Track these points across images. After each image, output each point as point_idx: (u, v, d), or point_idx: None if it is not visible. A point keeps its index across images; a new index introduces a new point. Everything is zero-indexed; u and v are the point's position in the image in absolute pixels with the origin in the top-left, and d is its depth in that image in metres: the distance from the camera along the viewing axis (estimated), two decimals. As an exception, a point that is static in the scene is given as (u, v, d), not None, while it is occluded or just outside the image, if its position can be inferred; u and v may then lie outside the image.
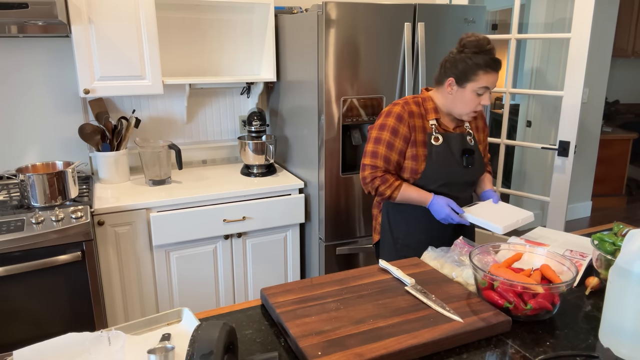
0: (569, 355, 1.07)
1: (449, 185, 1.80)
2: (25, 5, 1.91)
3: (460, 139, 1.81)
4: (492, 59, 1.69)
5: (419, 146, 1.76)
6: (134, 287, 2.25)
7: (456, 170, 1.79)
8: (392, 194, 1.76)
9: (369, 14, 2.24)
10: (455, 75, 1.70)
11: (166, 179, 2.45)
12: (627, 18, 4.89)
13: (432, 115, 1.78)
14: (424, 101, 1.80)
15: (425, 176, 1.77)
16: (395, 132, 1.75)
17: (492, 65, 1.68)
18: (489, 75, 1.68)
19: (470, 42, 1.69)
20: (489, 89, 1.70)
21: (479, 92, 1.69)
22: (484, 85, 1.68)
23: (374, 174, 1.77)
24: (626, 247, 1.05)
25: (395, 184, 1.75)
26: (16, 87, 2.41)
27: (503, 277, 1.22)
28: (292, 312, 1.19)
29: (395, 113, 1.76)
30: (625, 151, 4.91)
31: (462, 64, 1.68)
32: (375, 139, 1.78)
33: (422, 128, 1.77)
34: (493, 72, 1.69)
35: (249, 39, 2.82)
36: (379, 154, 1.76)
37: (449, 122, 1.83)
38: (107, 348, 0.96)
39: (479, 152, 1.86)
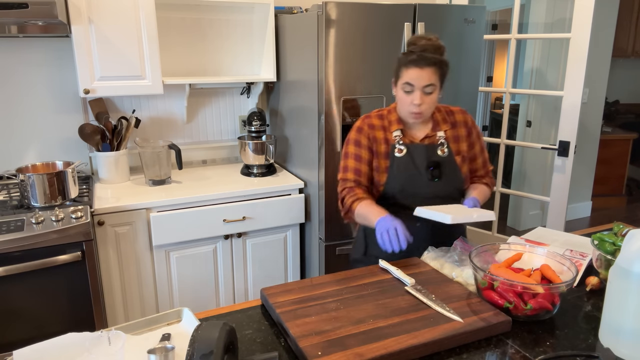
0: (569, 355, 1.07)
1: (414, 198, 1.67)
2: (25, 5, 1.91)
3: (427, 150, 1.70)
4: (416, 54, 1.59)
5: (380, 158, 1.70)
6: (134, 287, 2.25)
7: (420, 183, 1.68)
8: (352, 205, 1.64)
9: (369, 14, 2.24)
10: (394, 74, 1.67)
11: (166, 179, 2.45)
12: (627, 18, 4.88)
13: (395, 126, 1.70)
14: (389, 113, 1.74)
15: (387, 188, 1.69)
16: (357, 143, 1.71)
17: (414, 61, 1.58)
18: (410, 71, 1.58)
19: (410, 40, 1.65)
20: (413, 86, 1.59)
21: (405, 90, 1.61)
22: (405, 81, 1.59)
23: (343, 185, 1.71)
24: (626, 247, 1.05)
25: (359, 195, 1.65)
26: (16, 87, 2.41)
27: (503, 277, 1.22)
28: (292, 312, 1.19)
29: (356, 127, 1.74)
30: (625, 151, 4.91)
31: (397, 62, 1.65)
32: (343, 154, 1.74)
33: (383, 140, 1.71)
34: (415, 67, 1.58)
35: (249, 39, 2.82)
36: (349, 167, 1.71)
37: (417, 132, 1.73)
38: (107, 348, 0.96)
39: (452, 164, 1.71)
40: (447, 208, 1.55)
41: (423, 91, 1.59)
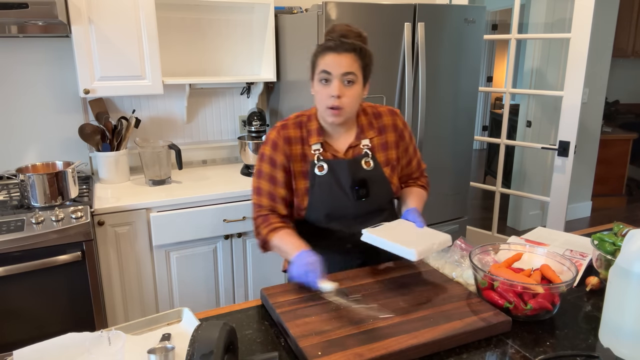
0: (569, 355, 1.07)
1: (340, 220, 1.50)
2: (25, 5, 1.91)
3: (351, 166, 1.49)
4: (335, 39, 1.39)
5: (298, 178, 1.49)
6: (134, 287, 2.25)
7: (346, 205, 1.48)
8: (267, 235, 1.45)
9: (369, 14, 2.24)
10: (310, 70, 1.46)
11: (166, 179, 2.45)
12: (627, 18, 4.88)
13: (314, 139, 1.48)
14: (308, 121, 1.50)
15: (310, 212, 1.50)
16: (272, 162, 1.48)
17: (330, 45, 1.38)
18: (325, 57, 1.38)
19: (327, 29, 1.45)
20: (330, 74, 1.38)
21: (322, 79, 1.39)
22: (321, 69, 1.39)
23: (258, 213, 1.50)
24: (626, 247, 1.05)
25: (275, 225, 1.45)
26: (16, 87, 2.41)
27: (503, 277, 1.22)
28: (292, 312, 1.19)
29: (271, 140, 1.49)
30: (625, 151, 4.91)
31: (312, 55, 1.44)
32: (257, 172, 1.51)
33: (302, 156, 1.48)
34: (332, 53, 1.37)
35: (249, 39, 2.82)
36: (262, 191, 1.49)
37: (339, 143, 1.51)
38: (107, 348, 0.96)
39: (380, 178, 1.52)
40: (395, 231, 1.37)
41: (342, 80, 1.38)
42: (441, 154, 2.66)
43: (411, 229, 1.42)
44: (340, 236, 1.51)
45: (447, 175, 2.71)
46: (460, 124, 2.69)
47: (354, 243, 1.48)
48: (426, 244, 1.30)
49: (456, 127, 2.67)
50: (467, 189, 2.83)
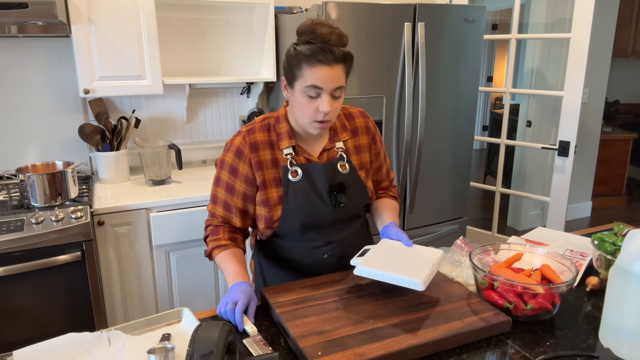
0: (569, 355, 1.07)
1: (317, 229, 1.41)
2: (25, 5, 1.91)
3: (327, 170, 1.39)
4: (325, 48, 1.22)
5: (270, 187, 1.36)
6: (134, 287, 2.25)
7: (323, 212, 1.38)
8: (212, 251, 1.38)
9: (369, 14, 2.24)
10: (285, 74, 1.31)
11: (166, 179, 2.45)
12: (627, 18, 4.88)
13: (285, 142, 1.37)
14: (277, 123, 1.39)
15: (284, 224, 1.38)
16: (234, 171, 1.37)
17: (321, 58, 1.22)
18: (315, 70, 1.23)
19: (302, 27, 1.28)
20: (321, 89, 1.25)
21: (309, 94, 1.26)
22: (310, 84, 1.24)
23: (209, 222, 1.43)
24: (626, 247, 1.05)
25: (222, 242, 1.37)
26: (16, 87, 2.41)
27: (503, 277, 1.22)
28: (292, 312, 1.19)
29: (235, 147, 1.36)
30: (625, 151, 4.91)
31: (290, 57, 1.28)
32: (215, 179, 1.41)
33: (272, 162, 1.36)
34: (322, 65, 1.22)
35: (249, 39, 2.82)
36: (218, 199, 1.40)
37: (312, 146, 1.41)
38: (107, 348, 0.96)
39: (357, 182, 1.44)
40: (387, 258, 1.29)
41: (332, 95, 1.27)
42: (441, 154, 2.66)
43: (401, 251, 1.33)
44: (316, 246, 1.42)
45: (447, 175, 2.71)
46: (460, 124, 2.69)
47: (330, 252, 1.43)
48: (427, 268, 1.23)
49: (456, 127, 2.67)
50: (467, 189, 2.83)
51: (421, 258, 1.29)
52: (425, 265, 1.25)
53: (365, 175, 1.47)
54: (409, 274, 1.20)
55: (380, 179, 1.58)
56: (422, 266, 1.24)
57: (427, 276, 1.20)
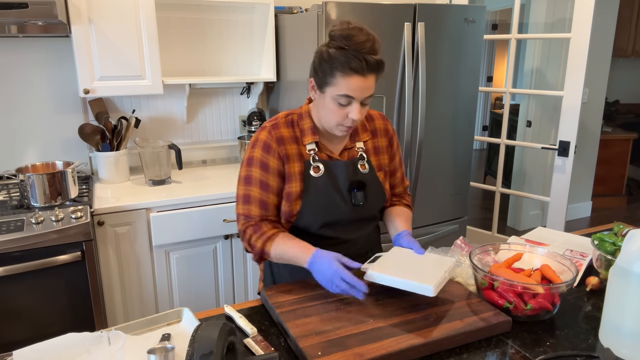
0: (569, 355, 1.07)
1: (335, 226, 1.41)
2: (25, 5, 1.91)
3: (348, 168, 1.40)
4: (360, 57, 1.22)
5: (293, 180, 1.36)
6: (134, 287, 2.25)
7: (342, 210, 1.39)
8: (264, 246, 1.33)
9: (369, 14, 2.24)
10: (315, 75, 1.31)
11: (166, 179, 2.45)
12: (627, 18, 4.89)
13: (309, 138, 1.38)
14: (300, 119, 1.40)
15: (302, 218, 1.38)
16: (265, 167, 1.35)
17: (355, 67, 1.22)
18: (350, 80, 1.23)
19: (336, 32, 1.26)
20: (353, 98, 1.26)
21: (340, 102, 1.27)
22: (343, 93, 1.25)
23: (247, 224, 1.37)
24: (626, 247, 1.05)
25: (269, 233, 1.34)
26: (16, 87, 2.40)
27: (503, 277, 1.22)
28: (292, 312, 1.19)
29: (262, 142, 1.36)
30: (625, 151, 4.91)
31: (322, 62, 1.27)
32: (245, 178, 1.37)
33: (297, 156, 1.37)
34: (357, 75, 1.23)
35: (249, 39, 2.82)
36: (252, 199, 1.36)
37: (334, 144, 1.42)
38: (107, 348, 0.96)
39: (375, 183, 1.45)
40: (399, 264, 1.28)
41: (361, 103, 1.29)
42: (441, 154, 2.66)
43: (413, 258, 1.32)
44: (333, 243, 1.42)
45: (447, 175, 2.71)
46: (460, 124, 2.69)
47: (346, 251, 1.40)
48: (438, 275, 1.22)
49: (456, 127, 2.67)
50: (467, 189, 2.83)
51: (433, 265, 1.28)
52: (437, 271, 1.24)
53: (383, 176, 1.48)
54: (420, 279, 1.19)
55: (394, 184, 1.57)
56: (433, 272, 1.23)
57: (438, 282, 1.19)
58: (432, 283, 1.17)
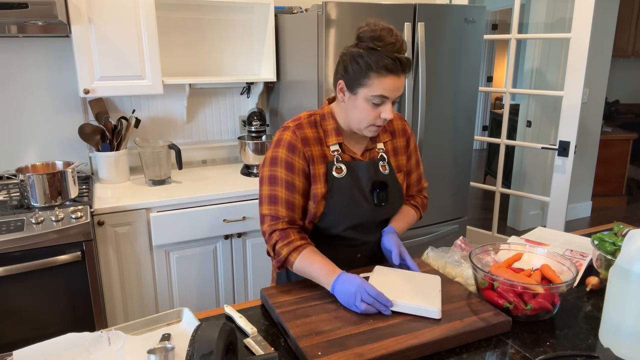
0: (569, 355, 1.07)
1: (357, 228, 1.41)
2: (25, 5, 1.91)
3: (370, 168, 1.40)
4: (393, 57, 1.24)
5: (318, 182, 1.35)
6: (134, 287, 2.25)
7: (365, 210, 1.39)
8: (289, 256, 1.30)
9: (369, 14, 2.24)
10: (345, 77, 1.30)
11: (166, 179, 2.45)
12: (627, 18, 4.89)
13: (333, 139, 1.37)
14: (323, 120, 1.39)
15: (326, 220, 1.37)
16: (290, 167, 1.33)
17: (390, 67, 1.24)
18: (385, 80, 1.24)
19: (365, 33, 1.27)
20: (387, 98, 1.28)
21: (374, 102, 1.28)
22: (379, 94, 1.26)
23: (274, 227, 1.33)
24: (626, 247, 1.05)
25: (297, 243, 1.31)
26: (16, 87, 2.40)
27: (503, 277, 1.22)
28: (292, 312, 1.19)
29: (286, 142, 1.34)
30: (625, 151, 4.91)
31: (353, 63, 1.27)
32: (269, 178, 1.35)
33: (321, 157, 1.36)
34: (392, 75, 1.24)
35: (249, 39, 2.82)
36: (279, 199, 1.33)
37: (356, 145, 1.42)
38: (107, 348, 0.96)
39: (395, 184, 1.45)
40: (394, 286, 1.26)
41: (394, 102, 1.31)
42: (441, 154, 2.66)
43: (401, 278, 1.30)
44: (352, 244, 1.43)
45: (447, 175, 2.71)
46: (460, 124, 2.68)
47: (363, 252, 1.43)
48: (436, 295, 1.22)
49: (456, 127, 2.67)
50: (467, 189, 2.83)
51: (424, 285, 1.27)
52: (433, 291, 1.24)
53: (402, 177, 1.49)
54: (422, 302, 1.18)
55: (409, 184, 1.56)
56: (430, 293, 1.23)
57: (440, 303, 1.19)
58: (437, 305, 1.17)
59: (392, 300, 1.18)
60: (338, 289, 1.21)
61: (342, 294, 1.20)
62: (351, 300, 1.18)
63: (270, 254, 1.37)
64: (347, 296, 1.19)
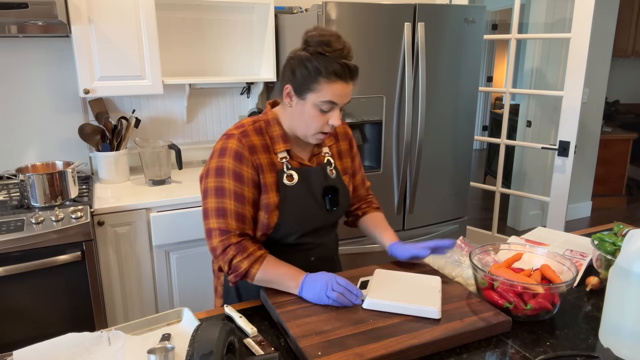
0: (569, 355, 1.07)
1: (311, 233, 1.40)
2: (25, 5, 1.91)
3: (320, 174, 1.38)
4: (342, 63, 1.23)
5: (269, 191, 1.31)
6: (134, 287, 2.25)
7: (319, 216, 1.38)
8: (251, 269, 1.25)
9: (369, 14, 2.24)
10: (292, 81, 1.27)
11: (166, 179, 2.45)
12: (627, 18, 4.89)
13: (280, 146, 1.33)
14: (268, 126, 1.34)
15: (281, 230, 1.33)
16: (239, 177, 1.27)
17: (339, 72, 1.22)
18: (334, 86, 1.23)
19: (313, 37, 1.24)
20: (336, 104, 1.26)
21: (323, 108, 1.25)
22: (328, 99, 1.24)
23: (226, 242, 1.26)
24: (626, 247, 1.05)
25: (257, 254, 1.27)
26: (16, 87, 2.41)
27: (503, 277, 1.22)
28: (292, 312, 1.19)
29: (233, 150, 1.27)
30: (625, 151, 4.91)
31: (301, 67, 1.24)
32: (216, 190, 1.27)
33: (270, 165, 1.32)
34: (341, 81, 1.23)
35: (249, 39, 2.82)
36: (228, 211, 1.26)
37: (303, 151, 1.39)
38: (107, 348, 0.96)
39: (343, 187, 1.44)
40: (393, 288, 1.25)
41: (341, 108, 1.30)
42: (441, 154, 2.66)
43: (401, 280, 1.31)
44: (307, 249, 1.41)
45: (447, 175, 2.71)
46: (460, 124, 2.69)
47: (317, 255, 1.42)
48: (436, 295, 1.22)
49: (456, 127, 2.67)
50: (467, 189, 2.83)
51: (424, 285, 1.28)
52: (433, 292, 1.24)
53: (348, 180, 1.49)
54: (421, 303, 1.18)
55: (356, 186, 1.57)
56: (430, 294, 1.23)
57: (440, 303, 1.19)
58: (436, 305, 1.17)
59: (392, 301, 1.19)
60: (308, 285, 1.23)
61: (312, 288, 1.22)
62: (322, 291, 1.20)
63: (224, 269, 1.29)
64: (319, 287, 1.20)
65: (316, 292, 1.21)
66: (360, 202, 1.60)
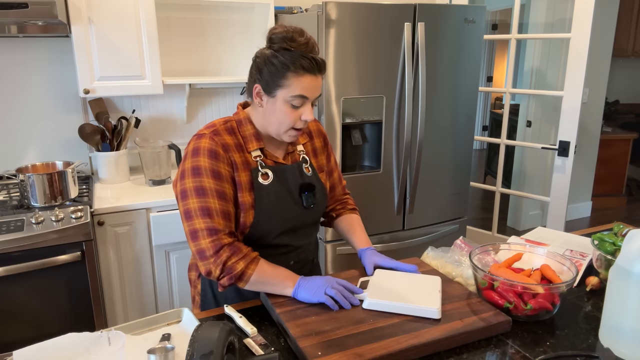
0: (569, 355, 1.07)
1: (289, 233, 1.36)
2: (25, 5, 1.91)
3: (296, 171, 1.37)
4: (309, 57, 1.22)
5: (244, 190, 1.28)
6: (134, 287, 2.25)
7: (296, 214, 1.35)
8: (246, 269, 1.21)
9: (369, 14, 2.24)
10: (260, 80, 1.26)
11: (166, 179, 2.45)
12: (627, 18, 4.89)
13: (254, 145, 1.31)
14: (240, 125, 1.32)
15: (257, 229, 1.30)
16: (217, 175, 1.24)
17: (306, 66, 1.21)
18: (302, 79, 1.22)
19: (277, 34, 1.25)
20: (307, 98, 1.25)
21: (294, 103, 1.24)
22: (298, 94, 1.23)
23: (218, 243, 1.21)
24: (626, 247, 1.05)
25: (252, 255, 1.24)
26: (16, 87, 2.41)
27: (503, 277, 1.22)
28: (292, 312, 1.19)
29: (206, 149, 1.24)
30: (625, 151, 4.91)
31: (268, 64, 1.24)
32: (196, 190, 1.22)
33: (244, 164, 1.29)
34: (309, 74, 1.22)
35: (249, 38, 2.82)
36: (213, 210, 1.21)
37: (277, 150, 1.37)
38: (107, 348, 0.96)
39: (320, 185, 1.42)
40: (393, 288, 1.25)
41: (313, 103, 1.29)
42: (441, 154, 2.66)
43: (401, 280, 1.30)
44: (286, 251, 1.39)
45: (447, 175, 2.71)
46: (460, 124, 2.69)
47: (297, 258, 1.40)
48: (436, 295, 1.22)
49: (456, 127, 2.67)
50: (467, 189, 2.83)
51: (424, 285, 1.27)
52: (432, 292, 1.24)
53: (325, 178, 1.48)
54: (421, 303, 1.18)
55: (333, 184, 1.55)
56: (430, 294, 1.23)
57: (440, 303, 1.19)
58: (436, 305, 1.17)
59: (392, 301, 1.19)
60: (305, 283, 1.24)
61: (310, 286, 1.22)
62: (322, 288, 1.21)
63: (215, 273, 1.21)
64: (318, 285, 1.22)
65: (314, 289, 1.21)
66: (335, 203, 1.58)
